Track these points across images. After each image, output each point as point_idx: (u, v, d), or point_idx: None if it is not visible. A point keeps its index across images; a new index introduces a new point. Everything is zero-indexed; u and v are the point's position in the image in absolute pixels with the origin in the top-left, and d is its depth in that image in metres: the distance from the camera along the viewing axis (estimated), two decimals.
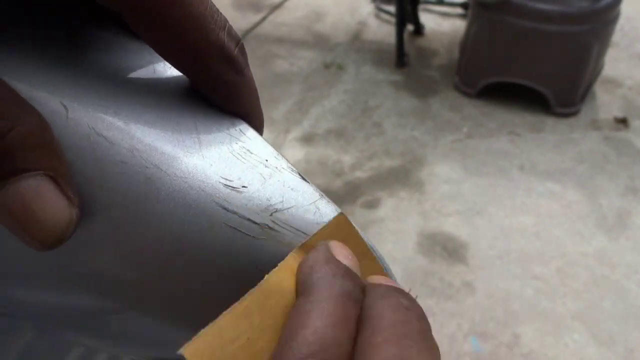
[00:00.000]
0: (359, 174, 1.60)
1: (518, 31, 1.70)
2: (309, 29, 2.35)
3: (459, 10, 2.43)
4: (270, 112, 1.85)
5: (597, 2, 1.66)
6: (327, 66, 2.09)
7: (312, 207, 0.18)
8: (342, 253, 0.17)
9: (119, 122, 0.17)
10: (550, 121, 1.81)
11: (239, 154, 0.18)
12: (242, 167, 0.17)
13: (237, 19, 2.40)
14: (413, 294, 0.17)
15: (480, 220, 1.45)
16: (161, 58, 0.19)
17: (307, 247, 0.18)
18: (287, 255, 0.17)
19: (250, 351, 0.15)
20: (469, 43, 1.85)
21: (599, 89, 1.96)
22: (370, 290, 0.17)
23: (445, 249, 1.38)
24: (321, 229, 0.18)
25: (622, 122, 1.81)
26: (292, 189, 0.18)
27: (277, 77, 2.04)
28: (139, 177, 0.16)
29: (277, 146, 1.70)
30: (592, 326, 1.21)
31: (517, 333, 1.19)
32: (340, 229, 0.18)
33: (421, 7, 2.31)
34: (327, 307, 0.15)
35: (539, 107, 1.83)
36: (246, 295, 0.16)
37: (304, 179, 0.18)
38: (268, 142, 0.19)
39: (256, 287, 0.16)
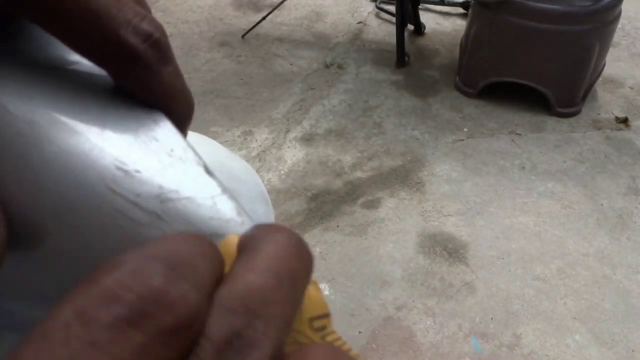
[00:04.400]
0: (360, 174, 1.60)
1: (519, 31, 1.69)
2: (309, 28, 2.35)
3: (460, 10, 2.42)
4: (270, 112, 1.84)
5: (598, 2, 1.65)
6: (327, 66, 2.09)
7: (209, 201, 0.17)
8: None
9: (25, 96, 0.17)
10: (551, 121, 1.80)
11: (143, 140, 0.17)
12: (142, 153, 0.17)
13: (237, 19, 2.39)
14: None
15: (481, 220, 1.45)
16: None
17: None
18: None
19: None
20: (469, 42, 1.84)
21: (600, 89, 1.95)
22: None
23: (446, 249, 1.37)
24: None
25: (624, 121, 1.81)
26: (191, 180, 0.17)
27: (277, 77, 2.03)
28: (33, 151, 0.16)
29: (278, 146, 1.69)
30: (593, 327, 1.20)
31: (518, 334, 1.19)
32: (228, 250, 0.16)
33: (422, 6, 2.31)
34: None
35: (540, 106, 1.83)
36: None
37: (209, 172, 0.18)
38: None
39: None
